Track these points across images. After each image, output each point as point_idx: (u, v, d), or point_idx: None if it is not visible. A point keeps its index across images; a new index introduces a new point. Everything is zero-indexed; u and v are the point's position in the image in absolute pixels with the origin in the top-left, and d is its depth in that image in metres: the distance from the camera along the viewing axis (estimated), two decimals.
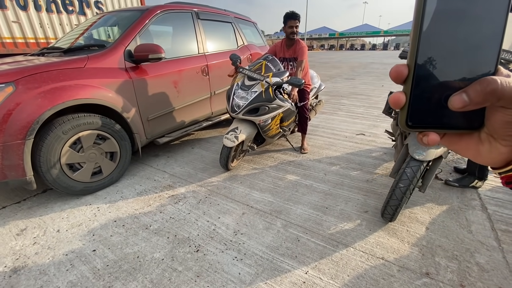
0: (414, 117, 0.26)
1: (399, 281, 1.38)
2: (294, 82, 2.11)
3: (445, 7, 0.23)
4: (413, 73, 0.25)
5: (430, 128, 0.27)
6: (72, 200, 2.11)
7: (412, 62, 0.25)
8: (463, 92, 0.23)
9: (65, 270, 1.46)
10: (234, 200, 2.09)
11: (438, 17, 0.23)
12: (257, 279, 1.39)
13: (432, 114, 0.26)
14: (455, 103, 0.24)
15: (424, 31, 0.23)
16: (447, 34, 0.23)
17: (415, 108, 0.26)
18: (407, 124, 0.27)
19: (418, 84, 0.25)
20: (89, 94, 1.95)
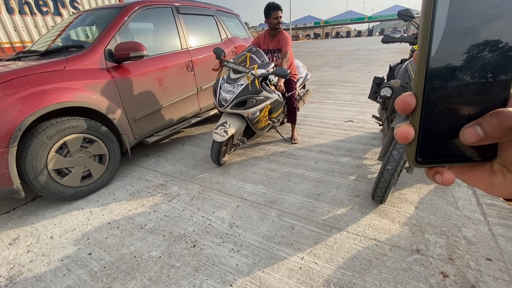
0: (424, 152, 0.24)
1: (391, 259, 1.43)
2: (279, 73, 2.11)
3: (456, 27, 0.21)
4: (422, 104, 0.23)
5: (440, 163, 0.25)
6: (63, 205, 2.08)
7: (419, 91, 0.22)
8: (477, 124, 0.21)
9: (62, 275, 1.46)
10: (228, 194, 2.10)
11: (447, 39, 0.21)
12: (255, 268, 1.42)
13: (443, 147, 0.24)
14: (469, 137, 0.22)
15: (433, 56, 0.21)
16: (457, 57, 0.21)
17: (425, 142, 0.24)
18: (416, 160, 0.24)
19: (428, 115, 0.23)
20: (71, 97, 1.90)
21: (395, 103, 0.24)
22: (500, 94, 0.22)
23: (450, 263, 1.38)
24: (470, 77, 0.21)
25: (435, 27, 0.21)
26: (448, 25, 0.21)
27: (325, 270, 1.38)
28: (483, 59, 0.21)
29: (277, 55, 2.66)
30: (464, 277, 1.30)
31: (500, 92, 0.22)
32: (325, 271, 1.38)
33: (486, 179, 0.25)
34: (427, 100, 0.22)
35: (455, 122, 0.23)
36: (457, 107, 0.22)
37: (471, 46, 0.21)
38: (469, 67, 0.21)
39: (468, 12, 0.20)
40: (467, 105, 0.22)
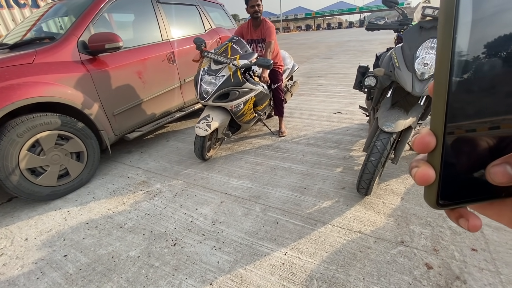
0: (446, 194, 0.22)
1: (376, 252, 1.41)
2: (262, 63, 2.03)
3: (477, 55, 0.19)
4: (443, 143, 0.21)
5: (463, 203, 0.23)
6: (40, 206, 1.99)
7: (440, 129, 0.20)
8: (506, 163, 0.20)
9: (36, 278, 1.39)
10: (212, 190, 2.05)
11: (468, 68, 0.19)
12: (236, 265, 1.37)
13: (466, 187, 0.22)
14: (498, 177, 0.20)
15: (454, 90, 0.19)
16: (479, 88, 0.19)
17: (447, 183, 0.21)
18: (437, 203, 0.22)
19: (449, 154, 0.21)
20: (42, 92, 1.80)
21: (412, 143, 0.22)
22: None
23: (435, 254, 1.37)
24: (490, 111, 0.20)
25: (455, 57, 0.19)
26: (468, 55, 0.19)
27: (308, 265, 1.35)
28: (505, 87, 0.19)
29: (261, 45, 2.58)
30: (448, 268, 1.29)
31: None
32: (308, 266, 1.35)
33: (509, 213, 0.24)
34: (449, 138, 0.20)
35: (480, 159, 0.21)
36: (480, 143, 0.20)
37: (490, 77, 0.19)
38: (489, 98, 0.19)
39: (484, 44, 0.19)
40: (490, 139, 0.20)
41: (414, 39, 1.53)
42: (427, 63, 1.47)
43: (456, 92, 0.19)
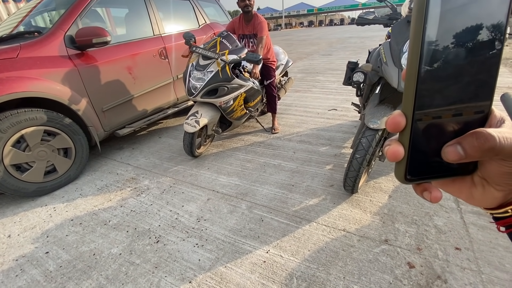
0: (413, 170, 0.24)
1: (358, 250, 1.39)
2: (251, 59, 2.00)
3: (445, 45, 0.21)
4: (412, 123, 0.23)
5: (427, 179, 0.26)
6: (26, 202, 1.99)
7: (409, 111, 0.23)
8: (458, 144, 0.22)
9: (15, 276, 1.38)
10: (200, 187, 2.03)
11: (435, 59, 0.21)
12: (217, 263, 1.36)
13: (430, 164, 0.24)
14: (450, 155, 0.23)
15: (422, 76, 0.21)
16: (444, 77, 0.22)
17: (414, 160, 0.24)
18: (405, 178, 0.25)
19: (417, 134, 0.23)
20: (26, 87, 1.78)
21: (386, 122, 0.24)
22: (481, 110, 0.23)
23: (418, 253, 1.35)
24: (454, 96, 0.22)
25: (425, 47, 0.21)
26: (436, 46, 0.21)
27: (290, 264, 1.33)
28: (466, 74, 0.22)
29: (253, 40, 2.54)
30: (430, 268, 1.27)
31: (481, 109, 0.23)
32: (289, 264, 1.33)
33: (467, 190, 0.26)
34: (416, 120, 0.23)
35: (441, 139, 0.23)
36: (443, 124, 0.23)
37: (455, 67, 0.21)
38: (453, 85, 0.22)
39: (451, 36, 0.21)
40: (452, 122, 0.23)
41: (401, 34, 1.50)
42: None
43: (424, 79, 0.21)
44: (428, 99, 0.22)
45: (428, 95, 0.22)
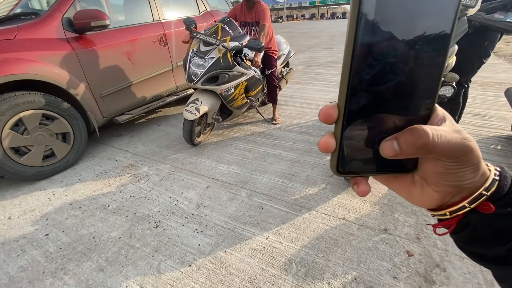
0: (345, 163, 0.24)
1: (358, 238, 1.40)
2: (253, 46, 1.97)
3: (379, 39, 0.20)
4: (343, 116, 0.22)
5: (363, 173, 0.25)
6: (25, 186, 1.97)
7: (342, 103, 0.22)
8: (394, 139, 0.22)
9: (16, 256, 1.38)
10: (199, 175, 2.02)
11: (371, 51, 0.20)
12: (217, 248, 1.37)
13: (365, 158, 0.24)
14: (386, 151, 0.22)
15: (354, 71, 0.20)
16: (382, 69, 0.20)
17: (346, 153, 0.23)
18: (337, 170, 0.24)
19: (349, 127, 0.23)
20: (24, 69, 1.74)
21: (319, 114, 0.24)
22: (424, 108, 0.22)
23: (417, 242, 1.36)
24: (392, 91, 0.21)
25: (358, 39, 0.20)
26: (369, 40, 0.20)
27: (289, 250, 1.34)
28: (407, 72, 0.21)
29: (255, 28, 2.50)
30: (429, 256, 1.28)
31: (423, 107, 0.22)
32: (289, 250, 1.34)
33: (407, 188, 0.26)
34: (349, 113, 0.22)
35: (377, 134, 0.22)
36: (380, 120, 0.22)
37: (396, 57, 0.20)
38: (392, 79, 0.21)
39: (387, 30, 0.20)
40: (389, 118, 0.22)
41: None
42: None
43: (357, 72, 0.20)
44: (363, 93, 0.21)
45: (362, 88, 0.21)
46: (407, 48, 0.20)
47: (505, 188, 0.23)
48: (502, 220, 0.23)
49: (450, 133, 0.21)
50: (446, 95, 1.57)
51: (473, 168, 0.23)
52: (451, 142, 0.21)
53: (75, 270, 1.29)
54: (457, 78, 1.48)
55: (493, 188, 0.23)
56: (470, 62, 2.02)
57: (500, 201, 0.23)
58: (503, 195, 0.23)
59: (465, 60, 1.94)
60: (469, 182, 0.23)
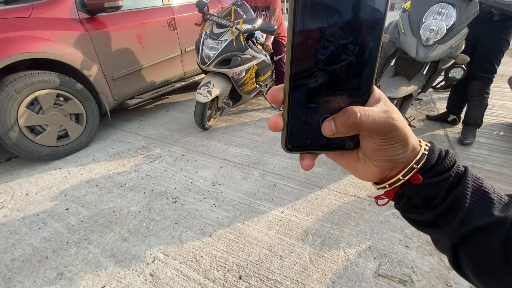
0: (293, 140, 0.26)
1: (370, 213, 1.46)
2: (266, 28, 1.99)
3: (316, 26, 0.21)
4: (289, 97, 0.24)
5: (310, 150, 0.27)
6: (39, 165, 2.00)
7: (287, 86, 0.23)
8: (332, 119, 0.24)
9: (37, 228, 1.42)
10: (212, 156, 2.07)
11: (309, 38, 0.21)
12: (235, 221, 1.42)
13: (311, 136, 0.25)
14: (325, 130, 0.24)
15: (295, 56, 0.22)
16: (320, 55, 0.22)
17: (293, 131, 0.25)
18: (287, 147, 0.26)
19: (294, 108, 0.24)
20: (40, 48, 1.75)
21: (267, 95, 0.26)
22: (362, 90, 0.24)
23: None
24: (333, 73, 0.23)
25: (297, 27, 0.21)
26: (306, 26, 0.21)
27: (304, 222, 1.40)
28: (346, 56, 0.22)
29: (265, 13, 2.51)
30: None
31: (362, 89, 0.24)
32: (304, 223, 1.39)
33: (353, 164, 0.28)
34: (294, 95, 0.23)
35: (321, 114, 0.24)
36: (322, 101, 0.24)
37: (334, 42, 0.21)
38: (332, 63, 0.22)
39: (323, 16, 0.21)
40: (331, 100, 0.24)
41: (422, 4, 1.51)
42: (433, 29, 1.46)
43: (297, 58, 0.22)
44: (304, 76, 0.23)
45: (304, 72, 0.22)
46: (342, 34, 0.21)
47: (432, 161, 0.26)
48: (430, 189, 0.25)
49: (377, 113, 0.23)
50: (455, 77, 1.62)
51: (401, 144, 0.25)
52: (377, 121, 0.23)
53: (99, 240, 1.34)
54: (468, 59, 1.52)
55: (422, 162, 0.25)
56: (499, 51, 1.87)
57: (428, 173, 0.26)
58: (430, 167, 0.26)
59: (495, 48, 1.82)
60: (401, 157, 0.25)
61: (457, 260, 0.27)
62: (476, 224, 0.24)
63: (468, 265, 0.26)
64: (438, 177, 0.25)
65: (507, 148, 2.04)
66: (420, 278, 1.10)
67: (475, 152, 2.00)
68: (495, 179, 1.70)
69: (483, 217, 0.24)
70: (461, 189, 0.25)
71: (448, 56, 1.55)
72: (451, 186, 0.25)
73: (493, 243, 0.24)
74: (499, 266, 0.23)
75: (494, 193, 0.25)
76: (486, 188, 0.26)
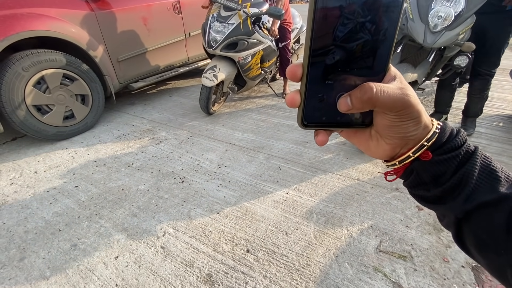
0: (309, 117, 0.26)
1: (372, 195, 1.50)
2: (273, 12, 1.99)
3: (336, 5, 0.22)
4: (307, 74, 0.24)
5: (325, 126, 0.27)
6: (46, 145, 2.02)
7: (306, 62, 0.24)
8: (348, 95, 0.24)
9: (48, 203, 1.46)
10: (217, 140, 2.09)
11: (329, 15, 0.22)
12: (241, 200, 1.46)
13: (326, 113, 0.26)
14: (341, 106, 0.24)
15: (316, 33, 0.22)
16: (339, 32, 0.22)
17: (310, 108, 0.26)
18: (302, 123, 0.27)
19: (312, 84, 0.25)
20: (47, 26, 1.74)
21: (286, 71, 0.26)
22: (379, 68, 0.24)
23: None
24: (351, 51, 0.23)
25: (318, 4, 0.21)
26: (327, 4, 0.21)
27: (309, 202, 1.44)
28: (363, 34, 0.23)
29: None
30: None
31: (379, 67, 0.24)
32: (308, 203, 1.44)
33: (365, 142, 0.29)
34: (312, 72, 0.24)
35: (338, 91, 0.25)
36: (339, 79, 0.24)
37: (352, 21, 0.22)
38: (350, 41, 0.23)
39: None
40: (348, 77, 0.24)
41: None
42: (441, 16, 1.47)
43: (317, 36, 0.23)
44: (323, 55, 0.23)
45: (323, 50, 0.23)
46: (361, 13, 0.22)
47: (443, 139, 0.26)
48: (438, 166, 0.26)
49: (393, 89, 0.23)
50: (460, 65, 1.64)
51: (414, 121, 0.25)
52: (392, 97, 0.23)
53: (110, 215, 1.38)
54: (474, 47, 1.53)
55: (433, 139, 0.26)
56: (504, 43, 1.80)
57: (437, 150, 0.26)
58: (441, 145, 0.26)
59: (502, 40, 1.76)
60: (413, 134, 0.25)
61: (461, 235, 0.27)
62: (481, 200, 0.24)
63: (471, 240, 0.26)
64: (447, 155, 0.26)
65: (506, 138, 2.09)
66: (419, 254, 1.16)
67: (474, 142, 2.05)
68: None
69: (488, 193, 0.24)
70: (469, 166, 0.25)
71: (455, 43, 1.56)
72: (459, 163, 0.26)
73: (497, 219, 0.24)
74: (502, 241, 0.23)
75: (502, 171, 0.26)
76: (494, 167, 0.26)
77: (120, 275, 1.08)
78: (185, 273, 1.08)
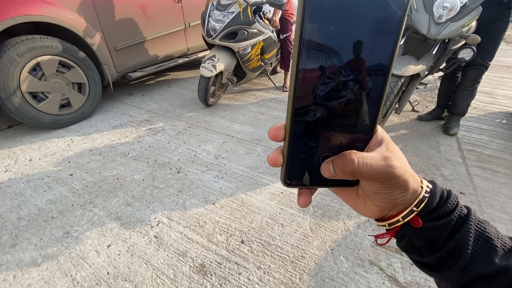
0: (292, 176, 0.26)
1: None
2: (274, 2, 1.94)
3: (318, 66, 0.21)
4: (290, 134, 0.24)
5: (308, 186, 0.26)
6: (41, 133, 2.00)
7: (288, 123, 0.23)
8: (331, 162, 0.24)
9: (42, 191, 1.44)
10: (215, 131, 2.07)
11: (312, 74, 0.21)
12: (237, 191, 1.44)
13: (310, 172, 0.25)
14: (324, 171, 0.24)
15: (297, 99, 0.22)
16: (321, 90, 0.22)
17: (293, 168, 0.25)
18: (285, 182, 0.26)
19: (295, 146, 0.24)
20: (43, 11, 1.70)
21: (268, 132, 0.25)
22: (364, 131, 0.24)
23: None
24: (332, 113, 0.23)
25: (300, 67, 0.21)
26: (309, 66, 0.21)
27: None
28: (348, 99, 0.22)
29: None
30: None
31: (364, 130, 0.24)
32: None
33: (353, 200, 0.28)
34: (294, 132, 0.23)
35: (322, 151, 0.24)
36: (323, 140, 0.24)
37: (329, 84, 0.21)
38: (334, 104, 0.22)
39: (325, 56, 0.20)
40: (332, 138, 0.24)
41: None
42: (446, 6, 1.43)
43: (299, 102, 0.22)
44: (305, 112, 0.22)
45: (305, 108, 0.22)
46: (344, 74, 0.21)
47: (433, 204, 0.25)
48: (431, 233, 0.25)
49: (376, 161, 0.23)
50: (465, 58, 1.60)
51: (401, 189, 0.24)
52: (375, 169, 0.23)
53: (104, 204, 1.36)
54: (479, 39, 1.49)
55: (422, 205, 0.25)
56: (501, 34, 1.77)
57: (428, 216, 0.25)
58: (431, 210, 0.25)
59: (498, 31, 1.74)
60: (401, 199, 0.25)
61: None
62: (478, 272, 0.23)
63: None
64: (439, 221, 0.25)
65: (508, 135, 2.06)
66: None
67: (476, 138, 2.02)
68: (495, 163, 1.72)
69: (486, 265, 0.23)
70: (463, 233, 0.24)
71: (459, 35, 1.52)
72: (453, 229, 0.25)
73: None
74: None
75: (498, 238, 0.25)
76: (489, 233, 0.25)
77: (112, 263, 1.06)
78: (178, 262, 1.06)
